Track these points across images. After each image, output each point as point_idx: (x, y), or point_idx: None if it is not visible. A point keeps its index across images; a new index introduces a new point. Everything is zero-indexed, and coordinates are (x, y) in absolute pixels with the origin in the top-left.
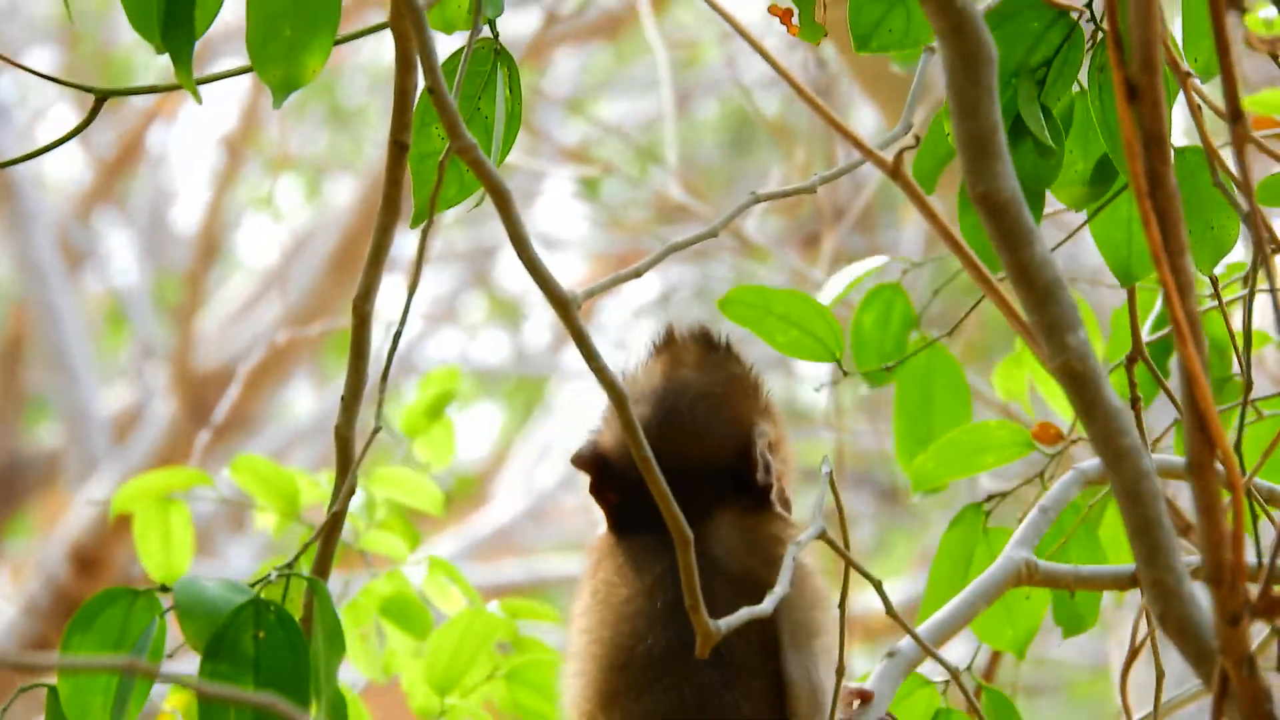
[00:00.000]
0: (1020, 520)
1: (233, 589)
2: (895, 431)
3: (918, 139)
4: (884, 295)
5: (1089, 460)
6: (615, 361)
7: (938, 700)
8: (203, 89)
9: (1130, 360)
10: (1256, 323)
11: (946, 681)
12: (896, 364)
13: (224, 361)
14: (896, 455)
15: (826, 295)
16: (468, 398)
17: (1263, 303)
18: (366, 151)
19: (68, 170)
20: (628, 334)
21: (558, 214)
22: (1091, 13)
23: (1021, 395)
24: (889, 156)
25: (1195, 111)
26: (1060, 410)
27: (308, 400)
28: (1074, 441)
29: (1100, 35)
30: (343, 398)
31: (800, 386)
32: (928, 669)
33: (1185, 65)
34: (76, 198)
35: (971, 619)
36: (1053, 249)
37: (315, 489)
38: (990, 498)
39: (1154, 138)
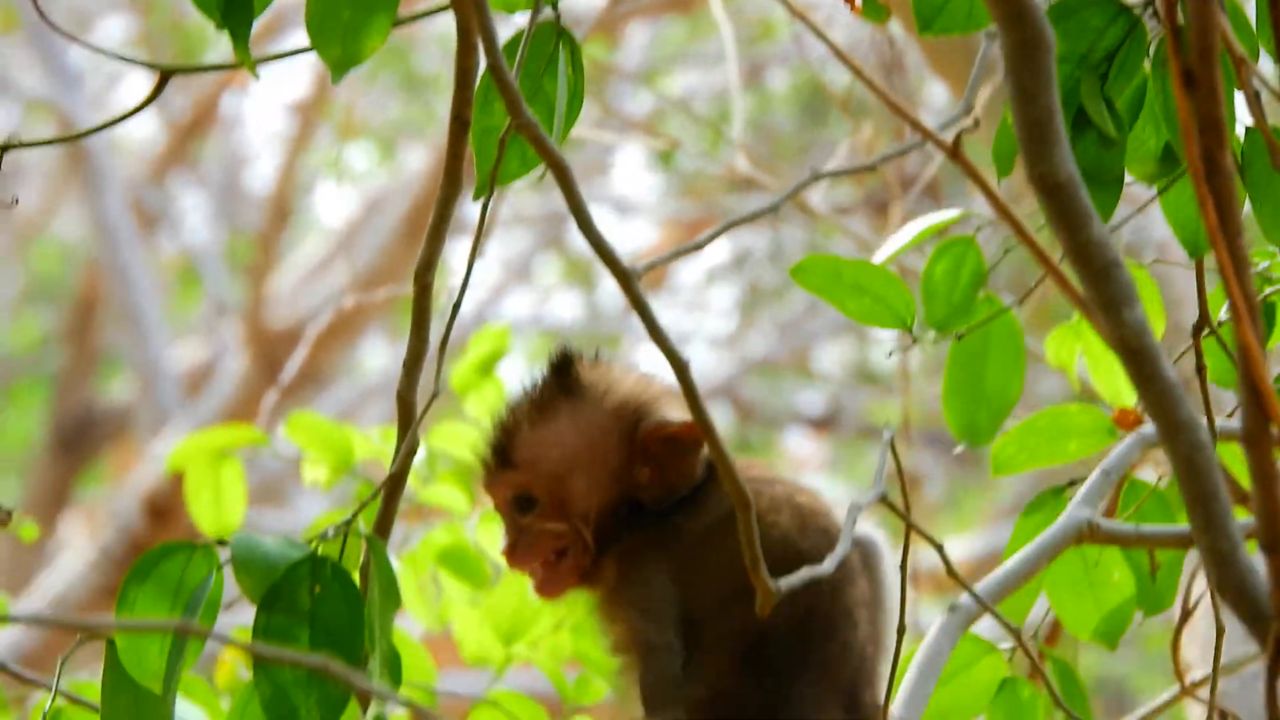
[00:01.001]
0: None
1: (289, 545)
2: (945, 384)
3: (977, 121)
4: (956, 249)
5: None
6: (686, 325)
7: (1003, 669)
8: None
9: (1196, 330)
10: None
11: (1013, 649)
12: (976, 325)
13: (295, 320)
14: (943, 407)
15: (894, 244)
16: (540, 357)
17: None
18: (438, 119)
19: (141, 134)
20: (701, 296)
21: (631, 181)
22: (1154, 8)
23: (1070, 365)
24: (949, 138)
25: (1251, 97)
26: (1101, 385)
27: (380, 357)
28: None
29: (1161, 29)
30: (404, 363)
31: (872, 349)
32: (995, 633)
33: (1240, 51)
34: (150, 161)
35: (1032, 576)
36: (1121, 222)
37: (368, 445)
38: (1072, 483)
39: (1210, 123)
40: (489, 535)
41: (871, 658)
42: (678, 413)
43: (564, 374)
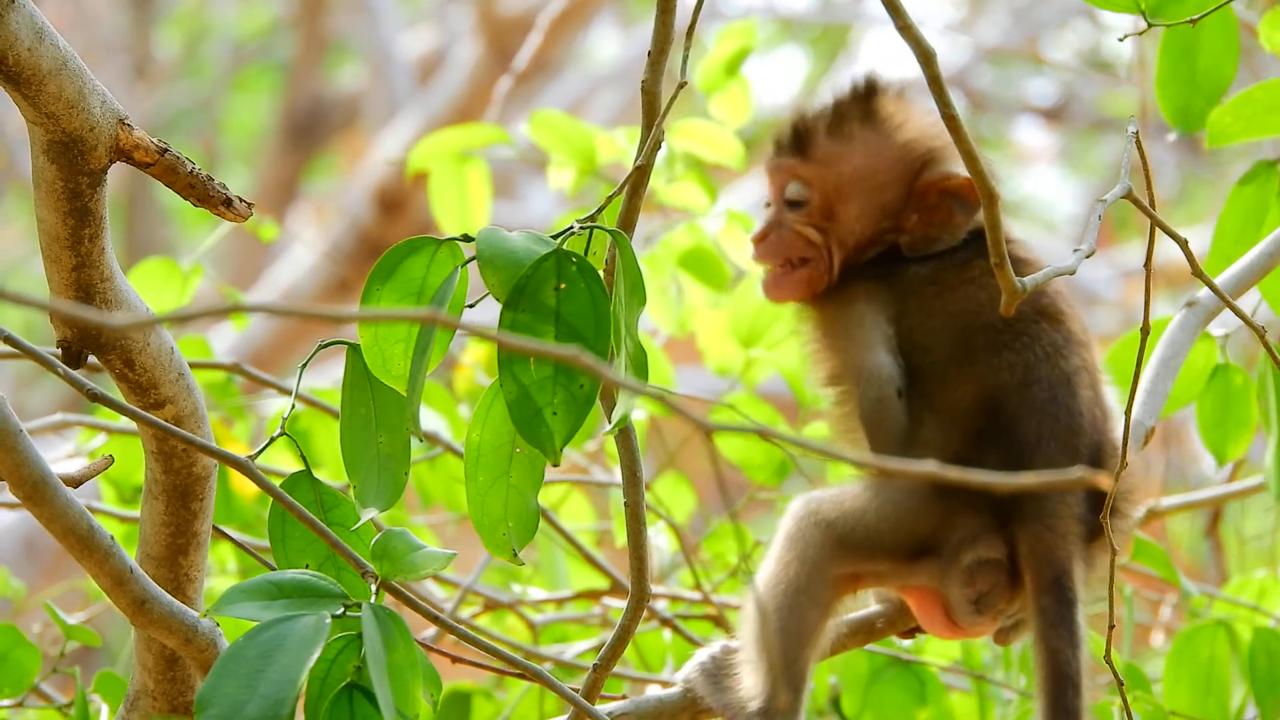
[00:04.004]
0: None
1: (535, 240)
2: (1157, 72)
3: None
4: None
5: None
6: (916, 12)
7: (1215, 355)
8: None
9: None
10: None
11: (1226, 335)
12: (1202, 16)
13: (527, 6)
14: (1157, 90)
15: None
16: (772, 43)
17: None
18: None
19: None
20: None
21: None
22: None
23: None
24: None
25: None
26: None
27: (610, 46)
28: None
29: None
30: (649, 54)
31: (1105, 36)
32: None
33: None
34: None
35: (1270, 270)
36: None
37: (613, 146)
38: None
39: None
40: (730, 236)
41: (1102, 422)
42: (962, 167)
43: (868, 100)
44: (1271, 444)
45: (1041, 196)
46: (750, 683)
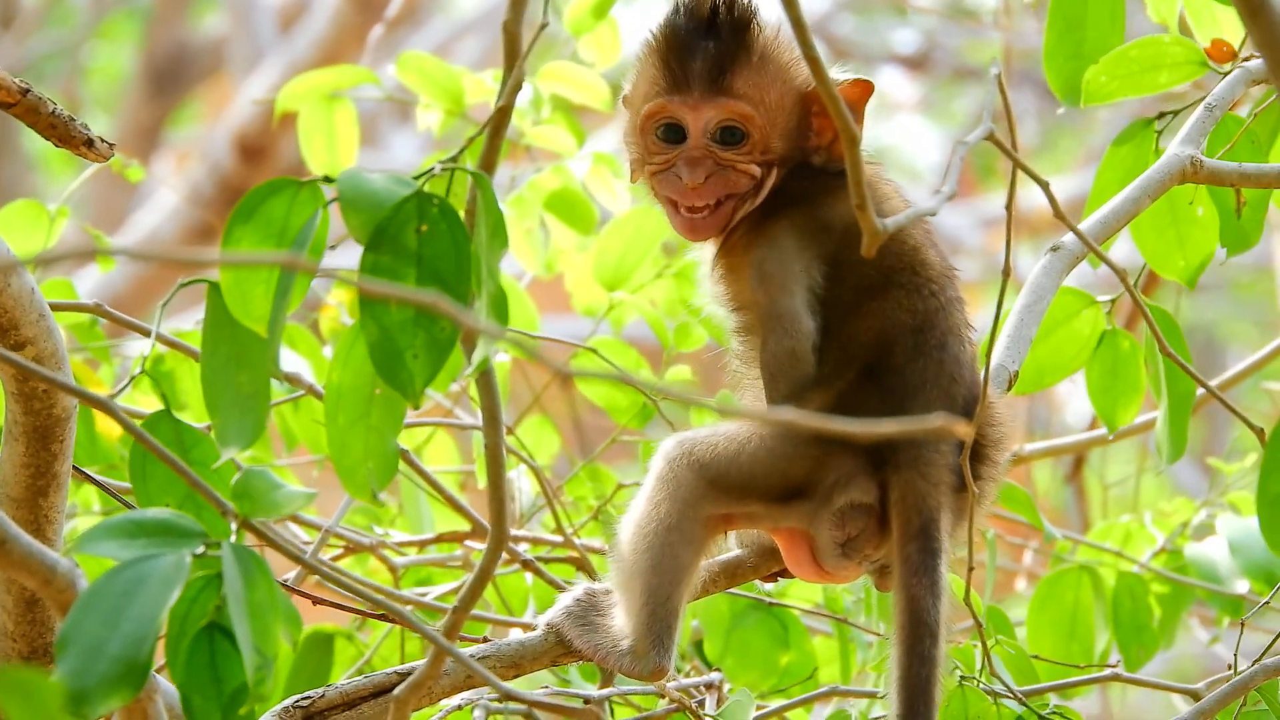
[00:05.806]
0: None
1: (397, 182)
2: (1045, 43)
3: None
4: None
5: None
6: None
7: (1103, 321)
8: None
9: None
10: None
11: (1113, 300)
12: None
13: None
14: (1044, 63)
15: None
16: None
17: None
18: None
19: None
20: None
21: None
22: None
23: (1172, 19)
24: None
25: None
26: (1198, 26)
27: None
28: (1248, 59)
29: None
30: None
31: None
32: (1090, 279)
33: None
34: None
35: (1135, 216)
36: None
37: (480, 87)
38: (1161, 115)
39: None
40: (598, 178)
41: (976, 376)
42: (834, 74)
43: (750, 26)
44: (1161, 409)
45: (904, 145)
46: (621, 622)
